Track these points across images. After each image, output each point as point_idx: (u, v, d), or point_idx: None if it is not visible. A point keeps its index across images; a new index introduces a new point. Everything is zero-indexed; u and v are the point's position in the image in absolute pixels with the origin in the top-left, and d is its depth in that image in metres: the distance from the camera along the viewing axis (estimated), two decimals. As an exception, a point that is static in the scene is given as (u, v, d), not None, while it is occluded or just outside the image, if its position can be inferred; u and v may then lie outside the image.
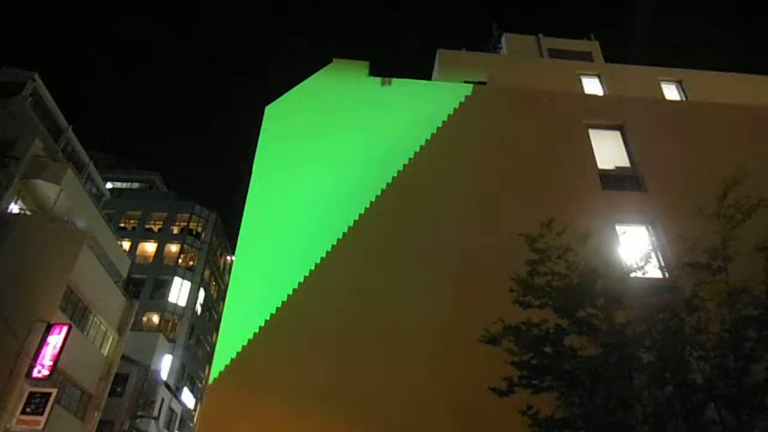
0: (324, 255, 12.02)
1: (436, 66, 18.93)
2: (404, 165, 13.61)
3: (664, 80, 18.71)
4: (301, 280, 11.63)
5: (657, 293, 8.69)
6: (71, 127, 29.88)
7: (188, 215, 50.57)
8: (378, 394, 10.27)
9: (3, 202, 22.10)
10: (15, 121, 24.44)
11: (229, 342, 10.90)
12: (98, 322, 25.88)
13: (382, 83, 15.42)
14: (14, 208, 23.12)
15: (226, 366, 10.57)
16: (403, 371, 10.51)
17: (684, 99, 18.24)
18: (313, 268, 11.82)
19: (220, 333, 11.30)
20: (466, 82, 16.55)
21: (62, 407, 22.23)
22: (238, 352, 10.70)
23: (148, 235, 49.01)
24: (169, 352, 39.88)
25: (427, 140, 14.12)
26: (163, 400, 36.29)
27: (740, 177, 8.50)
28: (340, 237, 12.30)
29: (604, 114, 15.83)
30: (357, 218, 12.61)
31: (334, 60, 16.06)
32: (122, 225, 48.73)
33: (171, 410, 39.07)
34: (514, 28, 27.18)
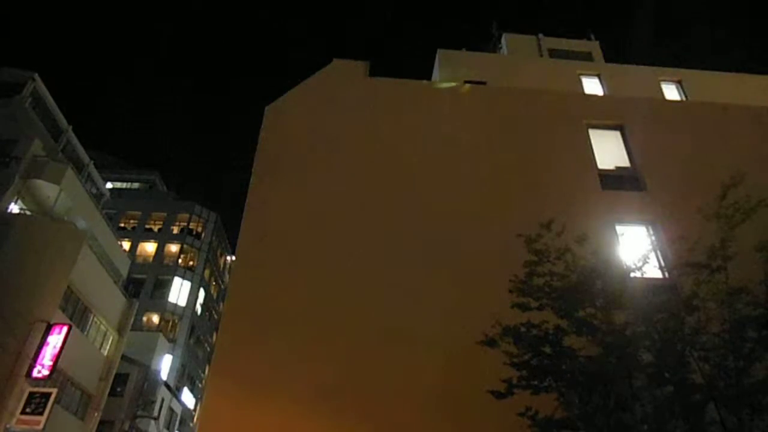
0: (323, 255, 12.00)
1: (436, 66, 18.92)
2: (404, 165, 13.58)
3: (664, 80, 18.72)
4: (301, 280, 11.62)
5: (657, 293, 8.68)
6: (71, 127, 29.90)
7: (188, 215, 50.65)
8: (378, 394, 10.25)
9: (3, 202, 22.13)
10: (15, 121, 24.47)
11: (229, 342, 10.90)
12: (98, 322, 25.93)
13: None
14: (14, 208, 23.15)
15: (226, 366, 10.57)
16: (404, 371, 10.48)
17: (684, 99, 18.24)
18: (312, 268, 11.80)
19: (220, 333, 11.27)
20: (466, 82, 16.53)
21: (62, 407, 22.26)
22: (238, 352, 10.69)
23: (148, 235, 49.06)
24: (169, 352, 39.93)
25: (426, 140, 14.09)
26: (163, 400, 36.32)
27: (739, 177, 8.50)
28: (340, 237, 12.29)
29: (604, 114, 15.80)
30: (356, 218, 12.59)
31: (334, 60, 16.02)
32: (122, 225, 48.79)
33: (171, 410, 39.09)
34: (514, 28, 27.14)
